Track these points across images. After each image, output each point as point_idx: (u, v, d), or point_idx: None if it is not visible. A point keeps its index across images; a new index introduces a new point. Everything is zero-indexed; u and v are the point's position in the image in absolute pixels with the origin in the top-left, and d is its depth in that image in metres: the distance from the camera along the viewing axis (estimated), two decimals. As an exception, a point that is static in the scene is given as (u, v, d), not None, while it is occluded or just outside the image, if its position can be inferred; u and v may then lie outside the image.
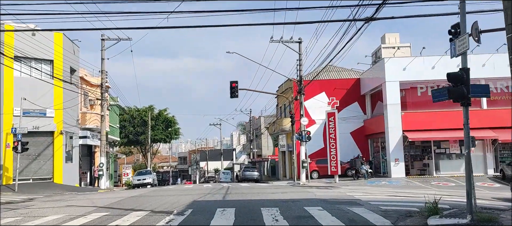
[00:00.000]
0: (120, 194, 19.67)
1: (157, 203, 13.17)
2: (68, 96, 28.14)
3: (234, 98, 26.31)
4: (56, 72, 26.85)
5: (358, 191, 17.32)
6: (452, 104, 29.40)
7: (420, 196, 15.12)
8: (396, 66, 29.56)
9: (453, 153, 29.67)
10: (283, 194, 15.72)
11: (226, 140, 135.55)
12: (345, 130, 33.53)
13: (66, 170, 28.11)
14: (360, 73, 38.19)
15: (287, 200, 13.25)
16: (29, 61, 26.02)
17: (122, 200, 14.88)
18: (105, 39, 29.57)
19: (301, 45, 28.09)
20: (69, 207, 12.99)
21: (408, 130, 28.89)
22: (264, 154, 59.51)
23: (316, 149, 33.69)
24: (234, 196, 15.31)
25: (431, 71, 29.12)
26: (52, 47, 27.03)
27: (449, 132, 28.57)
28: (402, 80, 29.42)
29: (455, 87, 9.04)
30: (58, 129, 27.29)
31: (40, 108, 26.39)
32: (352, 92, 35.73)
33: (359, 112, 35.47)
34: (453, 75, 9.12)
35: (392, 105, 29.21)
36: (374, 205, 11.70)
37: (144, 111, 56.94)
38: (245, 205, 12.05)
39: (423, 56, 29.91)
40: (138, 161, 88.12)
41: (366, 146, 35.05)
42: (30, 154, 26.15)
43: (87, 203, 14.18)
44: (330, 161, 26.86)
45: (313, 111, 34.54)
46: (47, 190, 23.34)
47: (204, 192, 18.48)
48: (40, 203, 14.81)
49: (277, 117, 44.41)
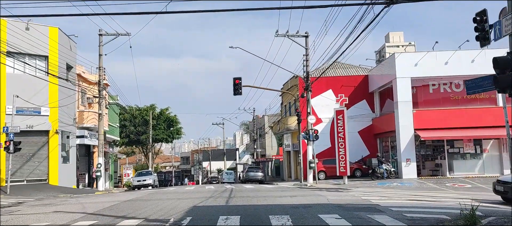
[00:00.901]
0: (116, 197, 18.41)
1: (153, 209, 11.88)
2: (64, 94, 26.90)
3: (237, 95, 25.02)
4: (51, 68, 25.61)
5: (373, 194, 15.99)
6: (466, 101, 28.42)
7: (443, 200, 13.80)
8: (407, 61, 28.21)
9: (467, 152, 28.26)
10: (292, 198, 14.39)
11: (229, 139, 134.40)
12: (353, 128, 32.15)
13: (63, 171, 26.89)
14: (368, 70, 36.83)
15: (298, 205, 11.92)
16: (23, 57, 24.79)
17: (115, 205, 13.59)
18: (103, 35, 28.31)
19: (308, 39, 26.74)
20: (56, 213, 11.72)
21: (420, 128, 27.53)
22: (268, 154, 58.27)
23: (322, 149, 32.39)
24: (238, 201, 14.01)
25: (444, 67, 27.78)
26: (47, 42, 25.84)
27: (463, 131, 27.28)
28: (413, 77, 28.05)
29: (504, 75, 7.58)
30: (54, 128, 26.07)
31: (34, 107, 25.17)
32: (360, 89, 34.36)
33: (367, 110, 34.10)
34: (501, 60, 7.66)
35: (403, 103, 27.85)
36: (396, 212, 10.38)
37: (145, 111, 55.78)
38: (251, 212, 10.73)
39: (435, 51, 28.53)
40: (140, 161, 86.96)
41: (374, 145, 33.67)
42: (23, 154, 24.97)
43: (77, 208, 12.91)
44: (339, 161, 25.50)
45: (319, 110, 33.17)
46: (41, 192, 22.14)
47: (206, 195, 17.18)
48: (27, 208, 13.56)
49: (281, 115, 43.11)
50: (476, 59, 27.34)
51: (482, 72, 27.17)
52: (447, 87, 28.76)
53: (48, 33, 26.19)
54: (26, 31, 24.88)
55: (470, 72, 27.67)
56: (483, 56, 27.12)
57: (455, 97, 28.66)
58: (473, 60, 27.47)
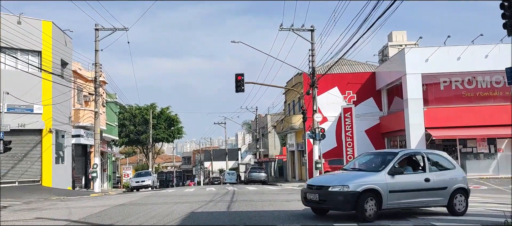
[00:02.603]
0: (109, 200, 17.16)
1: (146, 216, 10.62)
2: (59, 92, 25.68)
3: (239, 92, 23.73)
4: (45, 64, 24.40)
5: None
6: (479, 99, 27.06)
7: (470, 206, 12.48)
8: (418, 57, 26.94)
9: (480, 152, 26.97)
10: (301, 202, 13.08)
11: (231, 139, 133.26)
12: (360, 127, 30.85)
13: (57, 171, 25.68)
14: (375, 67, 35.53)
15: (310, 212, 10.58)
16: (14, 52, 23.57)
17: (105, 210, 12.34)
18: (99, 29, 27.03)
19: (314, 33, 25.45)
20: (37, 220, 10.50)
21: (431, 127, 26.26)
22: (271, 154, 57.02)
23: (327, 149, 31.08)
24: (242, 205, 12.74)
25: (456, 63, 26.55)
26: (40, 36, 24.65)
27: (476, 129, 26.02)
28: (424, 73, 26.79)
29: None
30: (47, 127, 24.86)
31: (27, 104, 23.99)
32: (367, 87, 33.05)
33: (374, 108, 32.80)
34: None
35: (413, 100, 26.58)
36: (421, 219, 9.13)
37: (145, 110, 54.58)
38: (257, 221, 9.43)
39: (447, 46, 27.21)
40: (140, 161, 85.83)
41: (382, 145, 32.34)
42: (15, 154, 23.80)
43: (62, 214, 11.67)
44: (347, 161, 24.20)
45: (324, 108, 31.83)
46: (33, 194, 20.91)
47: (206, 198, 15.92)
48: (9, 213, 12.33)
49: (285, 114, 41.83)
50: (490, 54, 26.07)
51: (497, 68, 26.00)
52: (459, 84, 27.47)
53: (41, 28, 25.00)
54: (18, 25, 23.73)
55: (484, 68, 26.48)
56: (497, 51, 25.87)
57: (468, 94, 27.37)
58: (487, 55, 26.20)
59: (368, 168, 10.06)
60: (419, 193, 9.46)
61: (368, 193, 8.75)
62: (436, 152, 11.11)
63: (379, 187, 8.88)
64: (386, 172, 9.20)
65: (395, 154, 9.79)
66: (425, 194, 9.55)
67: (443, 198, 9.78)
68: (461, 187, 10.09)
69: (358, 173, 9.82)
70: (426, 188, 9.54)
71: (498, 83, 27.06)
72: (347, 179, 9.15)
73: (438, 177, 9.82)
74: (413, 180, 9.51)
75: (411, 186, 9.36)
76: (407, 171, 9.63)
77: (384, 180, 9.04)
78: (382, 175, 9.14)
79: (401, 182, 9.23)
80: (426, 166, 9.86)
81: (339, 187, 8.88)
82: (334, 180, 9.34)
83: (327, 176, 10.96)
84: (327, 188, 9.05)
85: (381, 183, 8.96)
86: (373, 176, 9.19)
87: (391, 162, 9.44)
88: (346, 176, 9.63)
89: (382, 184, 8.96)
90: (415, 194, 9.42)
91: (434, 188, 9.65)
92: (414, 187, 9.42)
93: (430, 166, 9.96)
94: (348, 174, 9.89)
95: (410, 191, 9.33)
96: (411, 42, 34.46)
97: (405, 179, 9.36)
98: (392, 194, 9.04)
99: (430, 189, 9.59)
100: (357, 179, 9.09)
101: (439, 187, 9.74)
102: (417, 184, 9.47)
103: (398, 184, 9.15)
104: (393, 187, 9.07)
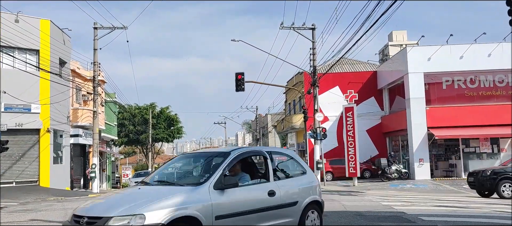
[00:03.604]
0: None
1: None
2: (57, 91, 25.35)
3: (240, 91, 23.42)
4: (43, 63, 24.09)
5: (390, 198, 14.45)
6: (482, 98, 26.78)
7: (472, 206, 12.22)
8: (420, 56, 26.68)
9: (483, 152, 26.69)
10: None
11: (231, 139, 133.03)
12: (361, 127, 30.47)
13: (55, 171, 25.37)
14: (376, 66, 35.27)
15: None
16: (12, 51, 23.27)
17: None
18: (97, 28, 26.76)
19: (315, 32, 25.18)
20: (32, 222, 10.22)
21: (433, 126, 25.98)
22: (271, 154, 56.70)
23: (329, 149, 30.87)
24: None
25: (458, 61, 26.29)
26: (38, 35, 24.31)
27: (479, 129, 25.75)
28: (426, 72, 26.52)
29: None
30: (45, 126, 24.55)
31: (24, 104, 23.68)
32: (368, 86, 32.80)
33: (376, 108, 32.54)
34: None
35: (416, 100, 26.30)
36: (429, 221, 8.83)
37: (145, 109, 54.29)
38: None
39: (450, 45, 26.94)
40: (140, 161, 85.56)
41: (384, 144, 32.12)
42: (12, 154, 23.47)
43: (57, 215, 11.38)
44: (348, 162, 23.93)
45: (325, 107, 31.52)
46: (30, 195, 20.63)
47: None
48: (4, 214, 12.05)
49: (285, 113, 41.58)
50: (493, 53, 25.80)
51: (500, 67, 25.77)
52: (461, 83, 27.19)
53: (39, 26, 24.69)
54: (16, 23, 23.43)
55: (487, 67, 26.21)
56: (501, 49, 25.62)
57: (470, 93, 27.09)
58: (490, 54, 25.93)
59: (183, 179, 7.24)
60: (262, 215, 6.41)
61: (180, 224, 5.46)
62: (282, 151, 8.64)
63: (198, 213, 5.64)
64: (211, 184, 5.99)
65: (225, 154, 6.60)
66: (269, 216, 6.52)
67: (292, 218, 6.87)
68: (314, 200, 7.30)
69: (166, 188, 6.36)
70: (271, 206, 6.56)
71: (501, 83, 26.80)
72: (143, 203, 5.54)
73: (286, 188, 6.91)
74: (253, 195, 6.49)
75: (250, 205, 6.30)
76: (243, 180, 6.54)
77: (208, 199, 5.83)
78: (204, 190, 5.91)
79: (235, 201, 6.13)
80: (269, 173, 6.82)
81: (126, 218, 5.25)
82: (118, 205, 5.60)
83: (110, 198, 6.47)
84: (106, 221, 5.27)
85: (203, 205, 5.76)
86: (189, 193, 5.85)
87: (219, 168, 6.25)
88: (142, 195, 6.06)
89: (205, 206, 5.77)
90: (256, 217, 6.33)
91: (282, 204, 6.72)
92: (255, 206, 6.36)
93: (275, 172, 7.04)
94: (148, 191, 6.27)
95: (248, 213, 6.24)
96: (411, 42, 34.14)
97: (241, 194, 6.26)
98: (222, 221, 5.91)
99: (277, 207, 6.64)
100: (161, 201, 5.55)
101: (288, 203, 6.84)
102: (259, 201, 6.45)
103: (230, 204, 6.06)
104: (222, 210, 5.93)
